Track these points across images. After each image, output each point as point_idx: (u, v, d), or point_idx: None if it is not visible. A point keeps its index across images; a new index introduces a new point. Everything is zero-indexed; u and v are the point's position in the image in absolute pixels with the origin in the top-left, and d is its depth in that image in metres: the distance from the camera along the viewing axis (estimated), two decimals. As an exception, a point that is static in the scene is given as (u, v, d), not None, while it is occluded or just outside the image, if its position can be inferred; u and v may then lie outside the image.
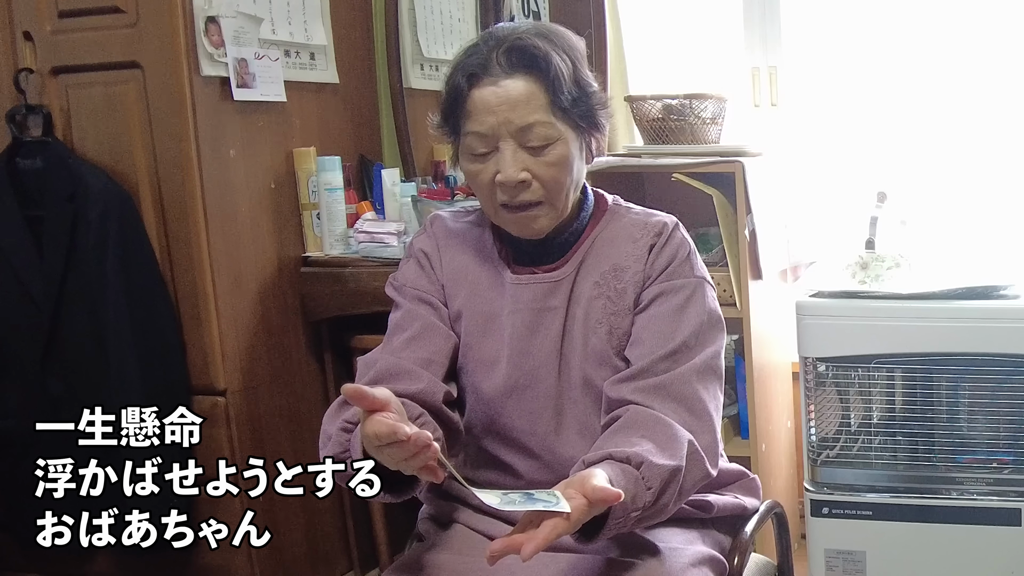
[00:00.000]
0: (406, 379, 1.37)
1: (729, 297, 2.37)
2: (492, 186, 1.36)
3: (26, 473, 2.29)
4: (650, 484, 1.22)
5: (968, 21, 2.57)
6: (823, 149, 2.73)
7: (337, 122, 2.56)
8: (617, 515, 1.19)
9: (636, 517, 1.21)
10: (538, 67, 1.33)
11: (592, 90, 1.39)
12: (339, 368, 2.50)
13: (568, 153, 1.36)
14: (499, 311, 1.43)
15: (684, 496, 1.31)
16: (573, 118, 1.36)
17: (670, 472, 1.24)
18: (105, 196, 2.11)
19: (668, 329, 1.38)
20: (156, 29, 2.09)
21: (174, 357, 2.19)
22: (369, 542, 2.53)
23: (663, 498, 1.24)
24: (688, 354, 1.37)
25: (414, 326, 1.43)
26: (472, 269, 1.46)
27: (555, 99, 1.34)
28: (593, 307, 1.41)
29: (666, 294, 1.40)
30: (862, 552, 2.24)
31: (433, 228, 1.51)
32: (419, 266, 1.49)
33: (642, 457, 1.22)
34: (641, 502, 1.21)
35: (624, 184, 2.57)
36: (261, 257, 2.31)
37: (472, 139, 1.36)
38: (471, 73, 1.34)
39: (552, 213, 1.38)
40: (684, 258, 1.43)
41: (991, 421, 2.19)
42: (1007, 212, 2.58)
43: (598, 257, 1.44)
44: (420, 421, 1.30)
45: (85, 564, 2.32)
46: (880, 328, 2.17)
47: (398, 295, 1.48)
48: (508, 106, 1.32)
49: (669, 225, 1.45)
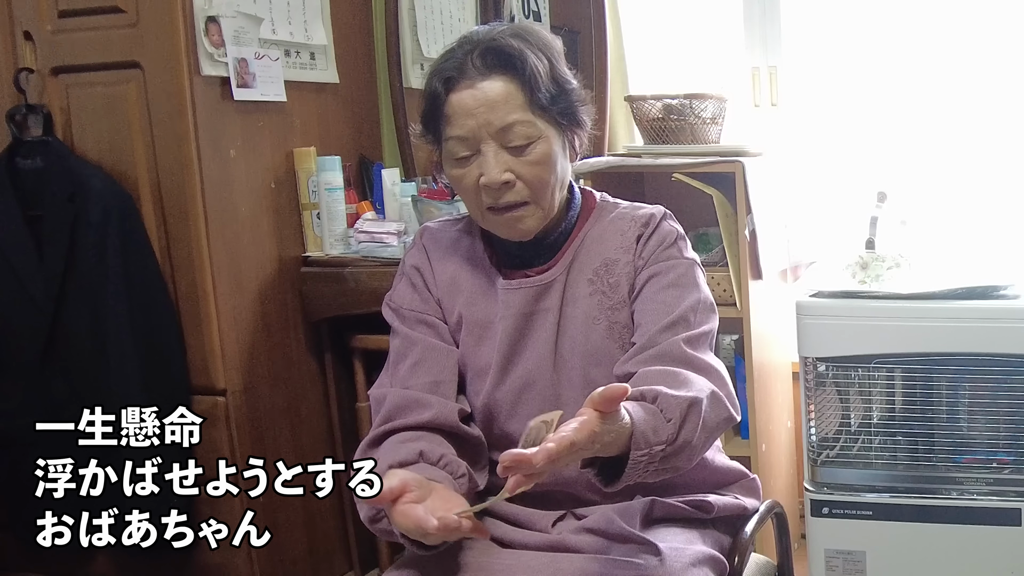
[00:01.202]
0: (417, 409, 1.37)
1: (729, 297, 2.37)
2: (477, 189, 1.36)
3: (26, 473, 2.30)
4: (669, 416, 1.19)
5: (968, 21, 2.57)
6: (823, 149, 2.74)
7: (337, 122, 2.56)
8: (639, 445, 1.15)
9: (661, 453, 1.17)
10: (514, 66, 1.33)
11: (571, 87, 1.39)
12: (339, 368, 2.50)
13: (550, 151, 1.36)
14: (492, 318, 1.43)
15: (710, 435, 1.28)
16: (553, 115, 1.36)
17: (688, 402, 1.22)
18: (105, 196, 2.11)
19: (665, 305, 1.38)
20: (156, 29, 2.09)
21: (174, 357, 2.19)
22: (369, 542, 2.53)
23: (685, 430, 1.20)
24: (687, 326, 1.36)
25: (415, 351, 1.43)
26: (465, 278, 1.46)
27: (533, 97, 1.34)
28: (589, 305, 1.41)
29: (659, 275, 1.41)
30: (862, 552, 2.24)
31: (423, 240, 1.51)
32: (412, 285, 1.48)
33: (657, 391, 1.20)
34: (664, 435, 1.17)
35: (624, 184, 2.57)
36: (261, 257, 2.31)
37: (453, 143, 1.36)
38: (447, 77, 1.35)
39: (538, 213, 1.38)
40: (672, 242, 1.43)
41: (991, 421, 2.19)
42: (1007, 212, 2.58)
43: (588, 255, 1.44)
44: (442, 463, 1.30)
45: (85, 564, 2.32)
46: (880, 328, 2.17)
47: (395, 319, 1.48)
48: (487, 107, 1.32)
49: (656, 215, 1.45)
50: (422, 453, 1.30)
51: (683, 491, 1.47)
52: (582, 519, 1.41)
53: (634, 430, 1.14)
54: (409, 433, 1.35)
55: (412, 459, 1.29)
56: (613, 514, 1.37)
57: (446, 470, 1.29)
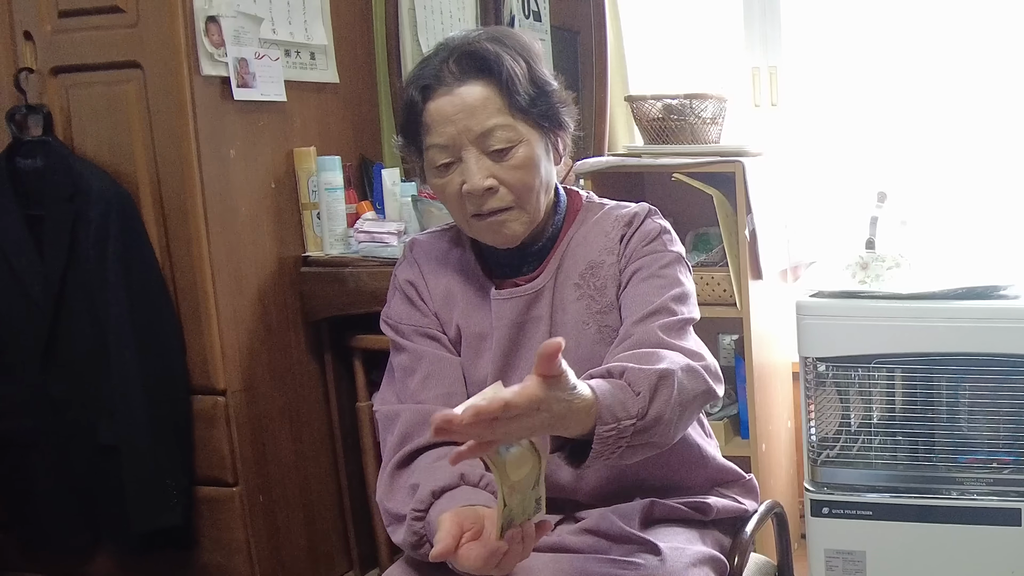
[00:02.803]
0: None
1: (729, 297, 2.37)
2: (460, 197, 1.34)
3: (26, 473, 2.30)
4: (638, 389, 1.14)
5: (968, 21, 2.57)
6: (823, 149, 2.73)
7: (337, 122, 2.56)
8: (606, 420, 1.09)
9: (632, 428, 1.12)
10: (490, 70, 1.32)
11: (551, 88, 1.37)
12: (339, 368, 2.50)
13: (533, 154, 1.34)
14: (488, 330, 1.42)
15: (686, 409, 1.22)
16: (534, 118, 1.34)
17: (658, 375, 1.16)
18: (105, 196, 2.11)
19: (644, 297, 1.35)
20: (156, 29, 2.09)
21: (174, 357, 2.19)
22: (369, 542, 2.53)
23: (656, 403, 1.15)
24: (664, 315, 1.33)
25: (423, 365, 1.41)
26: (459, 291, 1.44)
27: (511, 100, 1.32)
28: (578, 310, 1.40)
29: (642, 268, 1.39)
30: (862, 552, 2.24)
31: (414, 254, 1.49)
32: (408, 300, 1.46)
33: (623, 366, 1.16)
34: (635, 409, 1.12)
35: (624, 184, 2.57)
36: (261, 257, 2.31)
37: (434, 152, 1.34)
38: (424, 85, 1.33)
39: (524, 217, 1.36)
40: (655, 236, 1.41)
41: (991, 421, 2.19)
42: (1007, 212, 2.58)
43: (574, 258, 1.42)
44: (483, 483, 1.27)
45: (85, 564, 2.32)
46: (880, 328, 2.16)
47: (396, 335, 1.45)
48: (465, 113, 1.31)
49: (640, 213, 1.43)
50: (463, 476, 1.26)
51: (682, 492, 1.47)
52: (581, 521, 1.41)
53: (599, 405, 1.08)
54: (436, 451, 1.33)
55: (454, 483, 1.25)
56: (612, 515, 1.37)
57: (488, 490, 1.26)
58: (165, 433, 2.15)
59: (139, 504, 2.14)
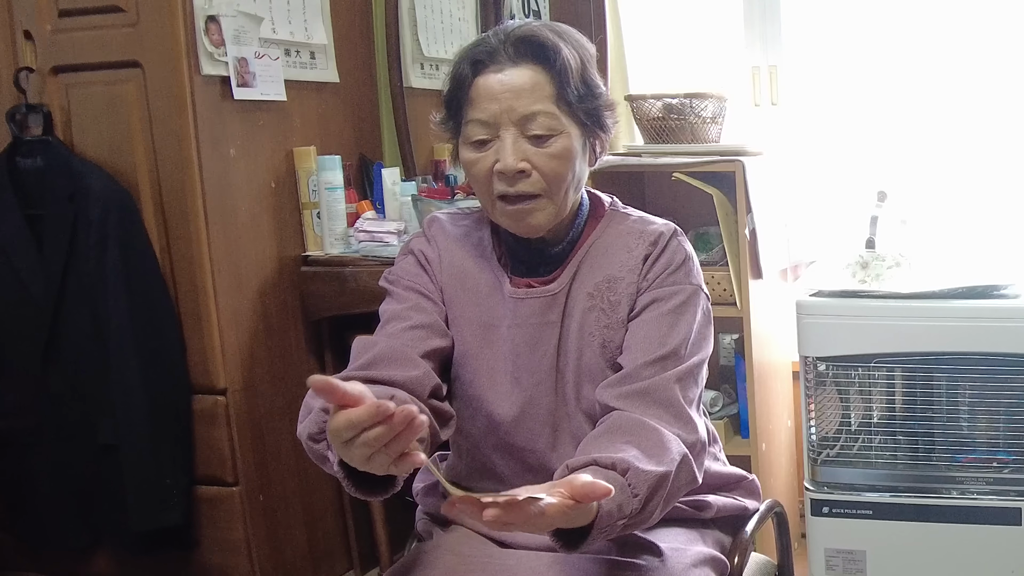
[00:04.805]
0: (406, 365, 1.33)
1: (729, 296, 2.37)
2: (490, 176, 1.33)
3: (26, 472, 2.30)
4: (637, 491, 1.17)
5: (968, 20, 2.57)
6: (823, 149, 2.74)
7: (337, 121, 2.56)
8: (603, 523, 1.14)
9: (622, 525, 1.17)
10: (546, 57, 1.32)
11: (600, 91, 1.37)
12: (339, 367, 2.48)
13: (571, 147, 1.33)
14: (499, 322, 1.40)
15: (671, 502, 1.27)
16: (578, 114, 1.34)
17: (657, 479, 1.20)
18: (105, 195, 2.11)
19: (658, 336, 1.34)
20: (156, 28, 2.09)
21: (174, 356, 2.19)
22: (369, 542, 2.53)
23: (650, 505, 1.20)
24: (676, 361, 1.33)
25: (414, 318, 1.40)
26: (472, 275, 1.43)
27: (561, 91, 1.32)
28: (587, 320, 1.38)
29: (659, 300, 1.37)
30: (862, 552, 2.24)
31: (432, 231, 1.47)
32: (419, 264, 1.45)
33: (628, 463, 1.18)
34: (628, 509, 1.17)
35: (624, 183, 2.57)
36: (261, 256, 2.31)
37: (473, 126, 1.33)
38: (477, 60, 1.33)
39: (550, 208, 1.35)
40: (679, 264, 1.40)
41: (991, 421, 2.19)
42: (1007, 212, 2.58)
43: (592, 267, 1.40)
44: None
45: (85, 563, 2.32)
46: (880, 328, 2.17)
47: (392, 286, 1.44)
48: (512, 94, 1.30)
49: (666, 234, 1.41)
50: (393, 397, 1.23)
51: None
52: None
53: (601, 511, 1.13)
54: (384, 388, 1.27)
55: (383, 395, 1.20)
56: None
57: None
58: (165, 432, 2.15)
59: (139, 503, 2.13)
